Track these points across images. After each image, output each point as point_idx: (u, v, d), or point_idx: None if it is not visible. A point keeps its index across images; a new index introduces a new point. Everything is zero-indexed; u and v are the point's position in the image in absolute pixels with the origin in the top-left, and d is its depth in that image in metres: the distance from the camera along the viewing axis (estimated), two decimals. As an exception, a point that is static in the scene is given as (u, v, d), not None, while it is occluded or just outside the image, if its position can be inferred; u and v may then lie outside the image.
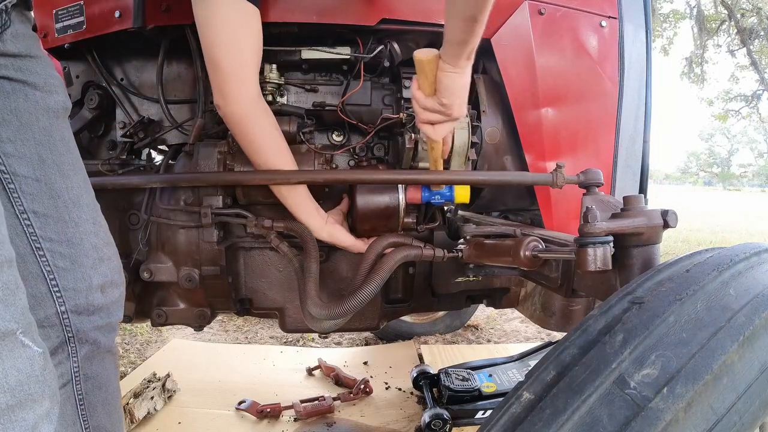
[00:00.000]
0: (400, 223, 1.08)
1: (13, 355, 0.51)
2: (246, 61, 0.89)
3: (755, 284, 0.53)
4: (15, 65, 0.65)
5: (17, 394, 0.51)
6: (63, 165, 0.71)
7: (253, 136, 0.95)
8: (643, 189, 1.28)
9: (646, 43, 1.24)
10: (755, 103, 12.96)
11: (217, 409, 1.62)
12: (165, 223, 1.09)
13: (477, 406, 1.43)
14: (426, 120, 0.90)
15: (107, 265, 0.77)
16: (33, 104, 0.67)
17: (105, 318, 0.77)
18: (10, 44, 0.63)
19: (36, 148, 0.68)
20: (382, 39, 1.07)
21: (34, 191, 0.68)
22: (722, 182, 57.18)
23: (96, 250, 0.75)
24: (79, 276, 0.72)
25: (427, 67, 0.84)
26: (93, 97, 1.16)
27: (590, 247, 0.67)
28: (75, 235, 0.72)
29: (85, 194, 0.75)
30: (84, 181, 0.76)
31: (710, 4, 9.93)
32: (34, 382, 0.53)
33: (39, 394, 0.54)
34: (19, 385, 0.51)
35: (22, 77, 0.66)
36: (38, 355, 0.55)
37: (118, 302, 0.80)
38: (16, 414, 0.51)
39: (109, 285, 0.77)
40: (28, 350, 0.53)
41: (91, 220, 0.75)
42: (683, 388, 0.45)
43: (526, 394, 0.51)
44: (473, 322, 2.62)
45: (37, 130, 0.68)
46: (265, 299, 1.19)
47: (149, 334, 2.48)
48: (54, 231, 0.70)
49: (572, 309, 1.27)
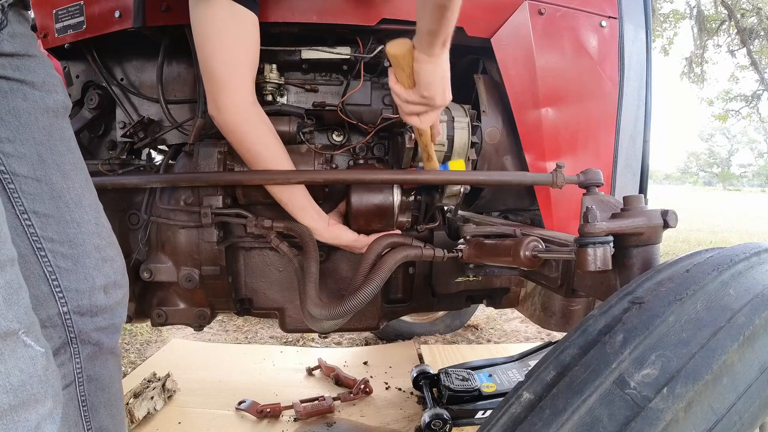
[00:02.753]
0: (396, 222, 1.08)
1: (15, 355, 0.51)
2: (240, 71, 0.89)
3: (755, 284, 0.53)
4: (13, 65, 0.65)
5: (20, 394, 0.51)
6: (64, 165, 0.70)
7: (250, 144, 0.94)
8: (643, 189, 1.28)
9: (646, 43, 1.24)
10: (755, 103, 12.96)
11: (217, 409, 1.62)
12: (165, 223, 1.09)
13: (477, 406, 1.43)
14: (410, 112, 0.89)
15: (110, 265, 0.76)
16: (32, 104, 0.67)
17: (108, 319, 0.77)
18: (8, 44, 0.63)
19: (36, 147, 0.67)
20: (382, 39, 1.07)
21: (35, 191, 0.67)
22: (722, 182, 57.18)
23: (99, 251, 0.74)
24: (82, 277, 0.72)
25: (403, 61, 0.82)
26: (93, 97, 1.16)
27: (590, 247, 0.67)
28: (77, 236, 0.72)
29: (87, 194, 0.74)
30: (86, 180, 0.75)
31: (710, 4, 9.93)
32: (36, 382, 0.53)
33: (41, 394, 0.54)
34: (21, 385, 0.51)
35: (20, 76, 0.66)
36: (41, 355, 0.54)
37: (121, 303, 0.80)
38: (19, 414, 0.51)
39: (113, 286, 0.77)
40: (30, 350, 0.53)
41: (93, 220, 0.74)
42: (683, 388, 0.45)
43: (526, 394, 0.51)
44: (473, 322, 2.62)
45: (37, 129, 0.67)
46: (265, 299, 1.19)
47: (149, 334, 2.48)
48: (55, 231, 0.69)
49: (572, 309, 1.27)
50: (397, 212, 1.06)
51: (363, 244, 1.05)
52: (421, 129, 0.93)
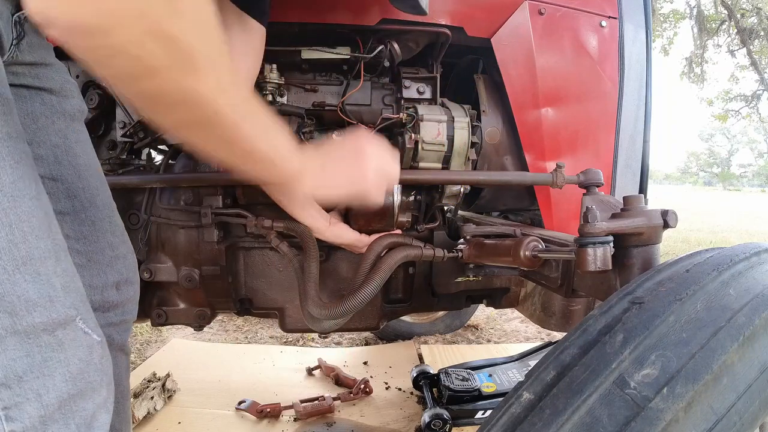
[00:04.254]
0: (396, 222, 1.08)
1: (75, 343, 0.51)
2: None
3: (755, 284, 0.53)
4: (32, 73, 0.66)
5: (78, 383, 0.51)
6: (79, 166, 0.72)
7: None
8: (643, 189, 1.28)
9: (646, 43, 1.24)
10: (755, 103, 12.97)
11: (217, 409, 1.62)
12: (165, 222, 1.09)
13: (477, 406, 1.43)
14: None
15: (123, 262, 0.78)
16: (49, 108, 0.69)
17: (120, 315, 0.78)
18: (27, 54, 0.64)
19: (52, 149, 0.69)
20: (382, 39, 1.07)
21: (51, 190, 0.68)
22: (722, 182, 57.20)
23: (112, 248, 0.76)
24: (95, 273, 0.73)
25: None
26: (93, 96, 1.16)
27: (590, 247, 0.67)
28: (91, 233, 0.73)
29: (101, 194, 0.76)
30: (101, 181, 0.77)
31: (710, 4, 9.93)
32: (93, 371, 0.53)
33: (98, 383, 0.54)
34: (80, 374, 0.52)
35: (39, 84, 0.67)
36: (97, 344, 0.55)
37: (132, 300, 0.81)
38: (77, 403, 0.51)
39: (125, 282, 0.78)
40: (88, 338, 0.54)
41: (107, 219, 0.75)
42: (683, 388, 0.45)
43: (526, 394, 0.51)
44: (473, 322, 2.62)
45: (53, 132, 0.69)
46: (265, 299, 1.19)
47: (149, 334, 2.48)
48: (70, 229, 0.70)
49: (572, 309, 1.27)
50: (397, 212, 1.06)
51: (364, 244, 1.05)
52: None
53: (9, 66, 0.62)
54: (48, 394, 0.48)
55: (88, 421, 0.52)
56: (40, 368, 0.48)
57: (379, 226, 1.07)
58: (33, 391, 0.47)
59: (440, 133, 1.02)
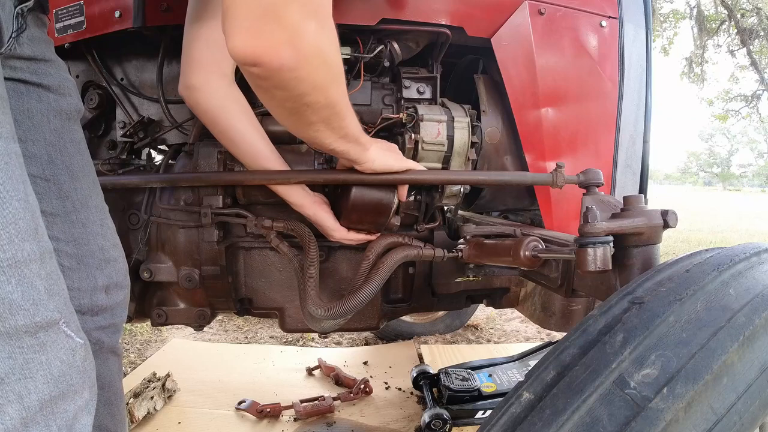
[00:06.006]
0: (388, 223, 1.07)
1: (57, 345, 0.51)
2: (218, 50, 0.87)
3: (755, 284, 0.53)
4: (31, 68, 0.65)
5: (60, 385, 0.51)
6: (72, 166, 0.71)
7: (223, 128, 0.95)
8: (643, 189, 1.28)
9: (646, 43, 1.24)
10: (755, 103, 12.96)
11: (217, 409, 1.62)
12: (165, 222, 1.09)
13: (477, 406, 1.43)
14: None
15: (113, 266, 0.77)
16: (45, 105, 0.68)
17: (109, 318, 0.77)
18: (27, 47, 0.64)
19: (46, 148, 0.68)
20: (382, 39, 1.07)
21: (42, 190, 0.68)
22: (722, 182, 57.21)
23: (102, 252, 0.75)
24: (84, 276, 0.73)
25: None
26: (93, 96, 1.16)
27: (590, 247, 0.67)
28: (82, 236, 0.72)
29: (93, 196, 0.75)
30: (93, 183, 0.76)
31: (710, 4, 9.93)
32: (75, 373, 0.53)
33: (80, 386, 0.54)
34: (61, 376, 0.51)
35: (37, 80, 0.66)
36: (80, 346, 0.55)
37: (122, 304, 0.80)
38: (59, 405, 0.51)
39: (114, 287, 0.77)
40: (70, 341, 0.53)
41: (98, 221, 0.75)
42: (683, 388, 0.45)
43: (526, 394, 0.51)
44: (473, 322, 2.62)
45: (48, 131, 0.68)
46: (265, 299, 1.19)
47: (149, 334, 2.48)
48: (61, 230, 0.70)
49: (572, 309, 1.27)
50: (392, 214, 1.06)
51: (340, 236, 1.03)
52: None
53: (7, 59, 0.61)
54: (29, 395, 0.48)
55: (70, 423, 0.52)
56: (22, 370, 0.48)
57: (369, 224, 1.05)
58: (14, 393, 0.47)
59: (440, 133, 1.02)
